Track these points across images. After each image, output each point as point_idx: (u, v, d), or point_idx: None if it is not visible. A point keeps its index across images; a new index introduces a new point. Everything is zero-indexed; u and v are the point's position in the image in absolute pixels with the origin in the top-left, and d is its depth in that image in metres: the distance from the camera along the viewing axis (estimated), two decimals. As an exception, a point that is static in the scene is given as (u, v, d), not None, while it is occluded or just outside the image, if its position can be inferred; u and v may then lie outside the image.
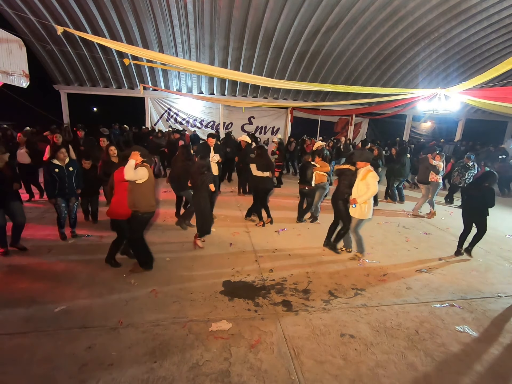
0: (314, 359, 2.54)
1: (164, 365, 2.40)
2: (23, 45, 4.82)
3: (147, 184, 3.59)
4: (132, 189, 3.56)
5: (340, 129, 17.01)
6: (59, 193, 4.41)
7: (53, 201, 4.44)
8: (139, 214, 3.60)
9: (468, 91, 5.83)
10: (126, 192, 3.58)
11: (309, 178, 5.66)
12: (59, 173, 4.37)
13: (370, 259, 4.47)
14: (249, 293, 3.44)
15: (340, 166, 4.85)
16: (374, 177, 4.14)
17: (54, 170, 4.35)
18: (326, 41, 11.15)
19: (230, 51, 11.42)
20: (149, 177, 3.61)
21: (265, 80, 6.98)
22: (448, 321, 3.12)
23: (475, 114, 16.81)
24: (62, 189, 4.43)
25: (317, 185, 5.76)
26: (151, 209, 3.69)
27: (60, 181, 4.39)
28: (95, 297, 3.25)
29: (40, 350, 2.50)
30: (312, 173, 5.66)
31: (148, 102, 14.02)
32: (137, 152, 3.54)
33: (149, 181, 3.61)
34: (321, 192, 5.88)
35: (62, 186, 4.42)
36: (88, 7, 9.26)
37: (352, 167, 4.44)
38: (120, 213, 3.68)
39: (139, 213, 3.60)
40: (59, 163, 4.41)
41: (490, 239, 5.53)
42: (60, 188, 4.40)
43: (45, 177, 4.43)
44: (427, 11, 9.65)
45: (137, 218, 3.64)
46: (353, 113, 15.45)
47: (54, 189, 4.38)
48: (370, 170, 4.21)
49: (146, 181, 3.56)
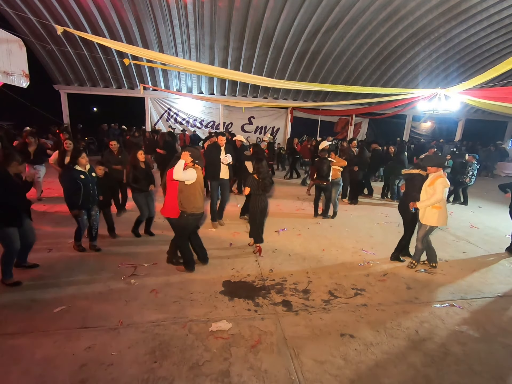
0: (314, 359, 2.53)
1: (164, 365, 2.40)
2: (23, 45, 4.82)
3: (195, 185, 3.57)
4: (181, 189, 3.58)
5: (340, 129, 17.01)
6: (82, 203, 3.97)
7: (76, 212, 3.96)
8: (185, 215, 3.61)
9: (468, 91, 5.84)
10: (176, 191, 3.62)
11: (326, 174, 5.85)
12: (84, 180, 3.95)
13: (370, 259, 4.47)
14: (249, 293, 3.44)
15: (409, 170, 4.60)
16: (443, 184, 3.84)
17: (79, 177, 3.91)
18: (326, 41, 11.15)
19: (230, 51, 11.43)
20: (198, 178, 3.59)
21: (265, 80, 7.00)
22: (448, 321, 3.12)
23: (475, 114, 16.81)
24: (86, 198, 3.99)
25: (333, 181, 6.00)
26: (197, 210, 3.66)
27: (84, 189, 3.94)
28: (95, 297, 3.25)
29: (40, 350, 2.50)
30: (329, 168, 5.86)
31: (148, 102, 14.02)
32: (187, 153, 3.52)
33: (198, 182, 3.59)
34: (337, 188, 6.16)
35: (86, 194, 3.98)
36: (88, 7, 9.26)
37: (423, 172, 4.21)
38: (172, 212, 3.71)
39: (185, 214, 3.61)
40: (82, 169, 4.01)
41: (490, 239, 5.54)
42: (84, 197, 3.95)
43: (66, 186, 4.00)
44: (427, 11, 9.66)
45: (183, 219, 3.64)
46: (353, 113, 15.46)
47: (78, 198, 3.91)
48: (440, 176, 3.92)
49: (195, 182, 3.55)
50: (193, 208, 3.61)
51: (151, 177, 4.72)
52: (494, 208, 7.72)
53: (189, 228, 3.79)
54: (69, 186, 3.93)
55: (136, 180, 4.52)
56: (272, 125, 15.79)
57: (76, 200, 3.91)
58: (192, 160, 3.57)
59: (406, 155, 7.87)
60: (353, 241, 5.14)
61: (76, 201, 3.92)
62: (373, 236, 5.38)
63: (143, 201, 4.65)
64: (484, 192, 9.65)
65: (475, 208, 7.74)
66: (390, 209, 7.20)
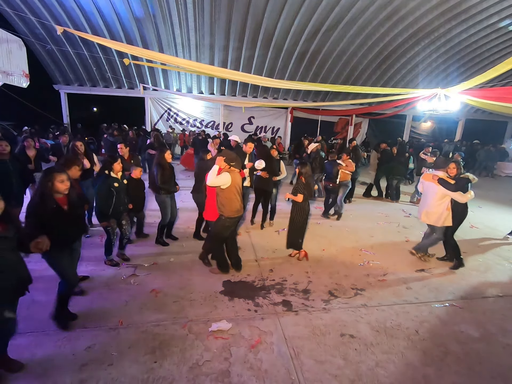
0: (314, 359, 2.54)
1: (164, 365, 2.40)
2: (23, 45, 4.83)
3: (231, 188, 3.54)
4: (218, 193, 3.58)
5: (340, 129, 17.02)
6: (113, 212, 3.70)
7: (105, 223, 3.69)
8: (222, 218, 3.60)
9: (468, 91, 5.83)
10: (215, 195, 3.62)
11: (334, 176, 5.88)
12: (118, 187, 3.70)
13: (370, 259, 4.47)
14: (249, 293, 3.44)
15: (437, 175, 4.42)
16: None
17: (113, 185, 3.65)
18: (326, 41, 11.15)
19: (230, 51, 11.43)
20: (234, 181, 3.54)
21: (265, 80, 7.00)
22: (448, 321, 3.12)
23: (475, 114, 16.81)
24: (118, 206, 3.72)
25: (341, 183, 6.01)
26: (235, 214, 3.62)
27: (117, 197, 3.69)
28: (95, 297, 3.24)
29: (40, 350, 2.51)
30: (338, 171, 5.89)
31: (148, 102, 14.03)
32: (222, 158, 3.49)
33: (234, 185, 3.55)
34: (344, 189, 6.14)
35: (119, 202, 3.73)
36: (88, 7, 9.26)
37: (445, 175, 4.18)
38: (214, 215, 3.70)
39: (222, 217, 3.59)
40: (116, 176, 3.78)
41: (490, 239, 5.54)
42: (115, 205, 3.68)
43: (100, 195, 3.65)
44: (427, 11, 9.67)
45: (220, 221, 3.63)
46: (353, 113, 15.48)
47: (110, 208, 3.65)
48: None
49: (230, 186, 3.52)
50: (230, 212, 3.58)
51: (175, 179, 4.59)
52: (494, 208, 7.72)
53: (226, 232, 3.72)
54: (103, 195, 3.62)
55: (164, 181, 4.30)
56: (272, 125, 15.79)
57: (106, 210, 3.64)
58: (229, 165, 3.50)
59: (407, 156, 7.88)
60: (353, 241, 5.14)
61: (106, 211, 3.65)
62: (373, 236, 5.38)
63: (168, 203, 4.45)
64: (485, 193, 9.64)
65: (475, 208, 7.73)
66: (390, 209, 7.20)
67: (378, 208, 7.20)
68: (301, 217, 4.25)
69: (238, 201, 3.65)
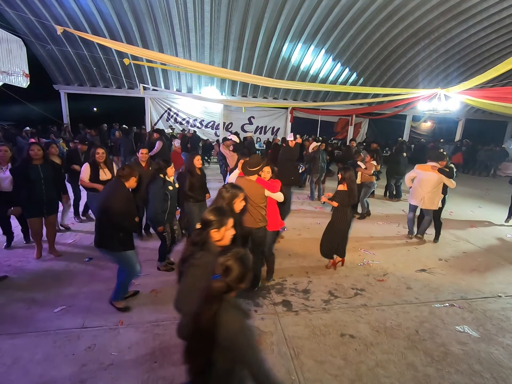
0: (314, 359, 2.53)
1: (164, 365, 2.40)
2: (23, 45, 4.83)
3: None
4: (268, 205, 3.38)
5: (340, 129, 17.00)
6: (167, 217, 3.63)
7: (162, 229, 3.61)
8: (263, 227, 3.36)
9: (468, 91, 5.83)
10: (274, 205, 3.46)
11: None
12: (172, 191, 3.63)
13: (370, 259, 4.47)
14: (249, 293, 3.44)
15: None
16: None
17: (168, 189, 3.57)
18: (326, 41, 11.15)
19: (230, 51, 11.42)
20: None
21: (265, 80, 6.99)
22: (448, 321, 3.12)
23: (475, 114, 16.80)
24: (172, 211, 3.66)
25: (363, 183, 6.08)
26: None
27: (171, 201, 3.62)
28: (95, 297, 3.24)
29: (40, 350, 2.51)
30: (356, 173, 5.91)
31: (148, 102, 14.00)
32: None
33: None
34: (366, 190, 6.21)
35: (172, 207, 3.65)
36: (87, 7, 9.26)
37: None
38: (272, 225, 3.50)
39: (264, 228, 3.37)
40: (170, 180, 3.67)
41: (490, 239, 5.53)
42: (170, 209, 3.62)
43: (156, 200, 3.52)
44: (427, 11, 9.66)
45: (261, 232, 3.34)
46: (353, 113, 15.45)
47: (165, 213, 3.57)
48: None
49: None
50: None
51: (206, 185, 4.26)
52: (494, 208, 7.71)
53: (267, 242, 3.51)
54: (160, 200, 3.52)
55: (193, 188, 3.98)
56: (272, 125, 15.77)
57: (163, 214, 3.56)
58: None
59: (405, 156, 7.85)
60: (353, 241, 5.13)
61: (163, 216, 3.56)
62: (373, 236, 5.38)
63: (196, 212, 3.98)
64: (486, 193, 9.65)
65: (475, 208, 7.73)
66: (390, 209, 7.21)
67: (378, 208, 7.19)
68: (347, 224, 3.96)
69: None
